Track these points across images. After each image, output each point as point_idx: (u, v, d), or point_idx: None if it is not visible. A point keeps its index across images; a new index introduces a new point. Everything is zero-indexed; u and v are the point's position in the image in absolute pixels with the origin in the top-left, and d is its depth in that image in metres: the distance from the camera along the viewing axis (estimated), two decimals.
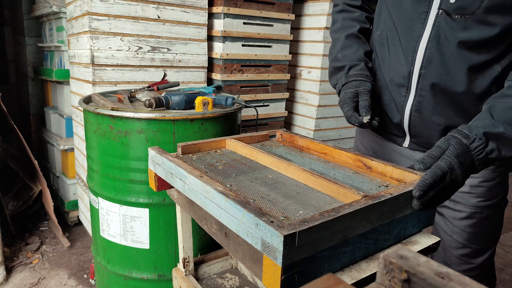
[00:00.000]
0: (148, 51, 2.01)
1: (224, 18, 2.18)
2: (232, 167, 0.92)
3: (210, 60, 2.29)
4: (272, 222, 0.59)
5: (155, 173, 0.96)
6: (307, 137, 1.12)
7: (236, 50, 2.28)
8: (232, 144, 1.07)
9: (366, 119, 0.93)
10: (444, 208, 1.08)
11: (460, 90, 0.93)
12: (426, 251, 0.78)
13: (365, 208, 0.66)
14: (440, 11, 0.89)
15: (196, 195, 0.77)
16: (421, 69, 0.95)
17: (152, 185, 0.99)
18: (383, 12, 1.07)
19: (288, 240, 0.55)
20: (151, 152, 0.96)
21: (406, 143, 1.09)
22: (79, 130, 2.17)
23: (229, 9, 2.17)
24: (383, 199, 0.69)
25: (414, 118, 1.01)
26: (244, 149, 1.02)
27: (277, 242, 0.56)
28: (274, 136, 1.23)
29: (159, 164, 0.93)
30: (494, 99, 0.87)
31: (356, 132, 1.34)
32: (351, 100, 0.99)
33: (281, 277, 0.56)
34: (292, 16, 2.43)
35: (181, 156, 0.99)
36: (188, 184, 0.80)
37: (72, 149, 2.40)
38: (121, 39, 1.93)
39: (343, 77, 1.07)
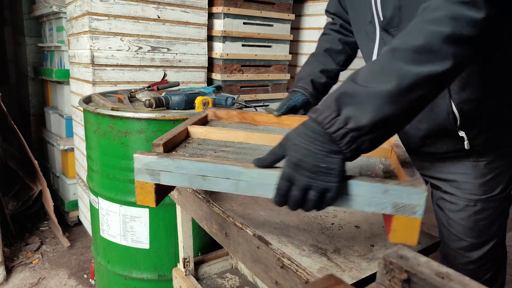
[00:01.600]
0: (148, 51, 2.01)
1: (224, 18, 2.18)
2: (237, 153, 0.86)
3: (210, 60, 2.29)
4: (399, 183, 0.62)
5: (155, 184, 0.80)
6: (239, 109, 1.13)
7: (236, 50, 2.28)
8: (198, 132, 0.99)
9: (276, 113, 1.05)
10: (440, 200, 1.10)
11: None
12: (426, 251, 0.79)
13: None
14: (380, 28, 0.98)
15: (267, 188, 0.66)
16: None
17: (150, 200, 0.82)
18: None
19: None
20: (144, 158, 0.76)
21: None
22: (79, 130, 2.17)
23: (229, 9, 2.17)
24: None
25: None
26: (218, 132, 0.94)
27: (418, 198, 0.61)
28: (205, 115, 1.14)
29: (169, 170, 0.74)
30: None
31: None
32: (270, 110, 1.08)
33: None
34: (292, 16, 2.43)
35: (175, 153, 0.90)
36: (248, 179, 0.67)
37: (72, 149, 2.40)
38: (121, 39, 1.93)
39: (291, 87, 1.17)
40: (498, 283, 1.15)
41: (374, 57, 1.02)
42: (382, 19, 0.95)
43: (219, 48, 2.24)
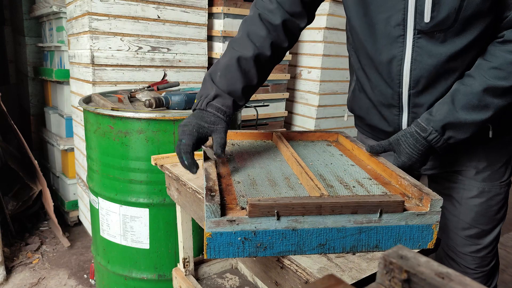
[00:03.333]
0: (148, 51, 2.01)
1: (224, 18, 2.18)
2: None
3: (210, 60, 2.29)
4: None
5: None
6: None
7: None
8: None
9: (216, 157, 0.86)
10: (451, 189, 1.10)
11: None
12: (426, 252, 0.78)
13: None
14: (416, 31, 0.92)
15: None
16: (409, 89, 0.98)
17: None
18: (350, 40, 1.10)
19: None
20: None
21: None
22: (79, 130, 2.17)
23: (229, 9, 2.17)
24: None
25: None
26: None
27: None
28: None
29: None
30: (461, 81, 0.92)
31: (360, 141, 1.31)
32: (196, 132, 0.86)
33: None
34: None
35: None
36: None
37: (72, 149, 2.40)
38: (121, 39, 1.93)
39: (204, 101, 0.91)
40: (498, 269, 1.18)
41: (406, 65, 0.95)
42: (428, 20, 0.88)
43: (219, 48, 2.24)
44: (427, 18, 0.88)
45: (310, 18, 1.06)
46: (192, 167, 0.83)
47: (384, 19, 0.94)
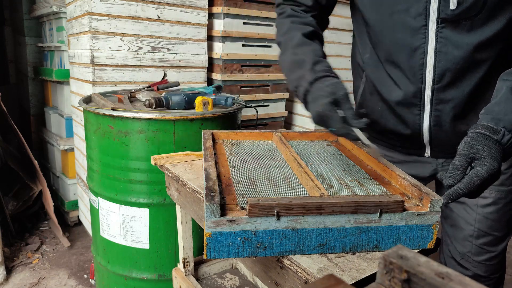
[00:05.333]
0: (148, 51, 2.01)
1: (224, 18, 2.18)
2: None
3: (210, 60, 2.29)
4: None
5: None
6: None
7: (236, 50, 2.28)
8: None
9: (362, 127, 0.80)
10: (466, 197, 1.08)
11: (475, 92, 0.91)
12: (426, 252, 0.78)
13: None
14: (441, 20, 0.86)
15: None
16: (433, 84, 0.92)
17: None
18: (364, 34, 1.03)
19: None
20: None
21: (427, 153, 1.04)
22: (79, 130, 2.17)
23: (229, 9, 2.17)
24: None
25: (434, 132, 0.98)
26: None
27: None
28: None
29: None
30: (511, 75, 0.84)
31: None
32: (335, 114, 0.79)
33: None
34: None
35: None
36: None
37: (72, 149, 2.40)
38: (121, 39, 1.93)
39: (308, 74, 0.87)
40: (505, 273, 1.16)
41: (430, 58, 0.90)
42: (454, 7, 0.83)
43: (219, 48, 2.24)
44: (453, 4, 0.83)
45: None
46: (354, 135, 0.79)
47: (402, 10, 0.89)
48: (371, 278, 0.67)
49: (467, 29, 0.85)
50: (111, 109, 1.38)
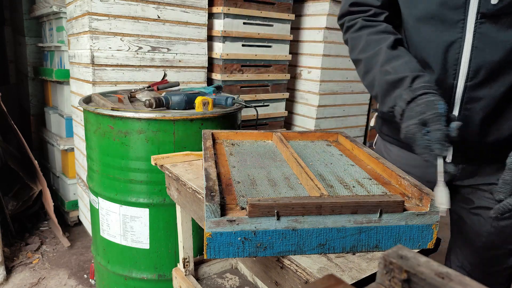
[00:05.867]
0: (148, 51, 2.01)
1: (224, 18, 2.18)
2: None
3: (210, 60, 2.29)
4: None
5: None
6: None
7: (236, 50, 2.28)
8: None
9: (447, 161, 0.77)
10: (482, 209, 1.04)
11: (508, 93, 0.87)
12: (426, 252, 0.78)
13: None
14: (480, 15, 0.83)
15: None
16: (466, 81, 0.88)
17: None
18: (400, 32, 1.01)
19: None
20: None
21: (449, 158, 1.00)
22: (79, 130, 2.17)
23: (229, 9, 2.17)
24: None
25: (461, 133, 0.96)
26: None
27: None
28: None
29: None
30: None
31: (378, 147, 1.22)
32: (419, 133, 0.76)
33: None
34: (292, 16, 2.43)
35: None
36: None
37: (72, 149, 2.40)
38: (121, 39, 1.93)
39: (405, 93, 0.81)
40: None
41: (465, 53, 0.85)
42: (496, 1, 0.80)
43: (219, 48, 2.24)
44: None
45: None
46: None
47: (439, 2, 0.86)
48: (371, 278, 0.67)
49: (507, 26, 0.82)
50: (111, 109, 1.38)
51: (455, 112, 0.93)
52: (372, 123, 1.17)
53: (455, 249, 1.17)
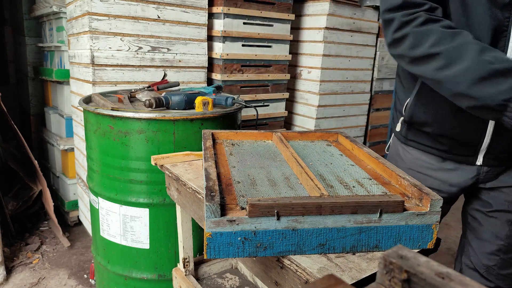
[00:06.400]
0: (148, 51, 2.01)
1: (224, 18, 2.18)
2: None
3: (210, 60, 2.29)
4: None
5: None
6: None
7: (236, 50, 2.28)
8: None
9: None
10: (500, 212, 1.04)
11: None
12: (426, 252, 0.78)
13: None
14: None
15: None
16: None
17: None
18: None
19: None
20: None
21: (479, 161, 1.00)
22: (79, 130, 2.17)
23: (229, 9, 2.17)
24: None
25: (497, 139, 0.93)
26: None
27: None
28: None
29: None
30: None
31: (393, 150, 1.19)
32: None
33: None
34: (292, 16, 2.43)
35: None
36: None
37: (72, 149, 2.40)
38: (121, 39, 1.93)
39: None
40: None
41: (509, 55, 0.83)
42: None
43: (219, 48, 2.24)
44: None
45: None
46: None
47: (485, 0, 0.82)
48: (371, 278, 0.66)
49: None
50: (111, 109, 1.38)
51: (491, 123, 0.91)
52: (398, 128, 1.14)
53: (467, 251, 1.16)
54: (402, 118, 1.10)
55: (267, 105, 2.50)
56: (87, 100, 1.63)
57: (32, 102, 2.94)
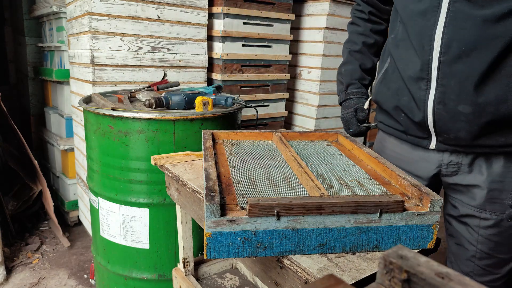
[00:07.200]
0: (148, 51, 2.01)
1: (224, 18, 2.18)
2: None
3: (210, 60, 2.29)
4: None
5: None
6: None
7: (236, 50, 2.28)
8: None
9: (365, 126, 1.20)
10: (468, 217, 1.04)
11: (484, 70, 0.87)
12: (426, 252, 0.78)
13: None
14: None
15: None
16: (440, 56, 0.91)
17: None
18: (394, 14, 1.08)
19: None
20: None
21: (433, 144, 1.02)
22: (79, 130, 2.17)
23: (229, 9, 2.17)
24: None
25: (438, 112, 0.95)
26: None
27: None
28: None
29: None
30: None
31: (378, 142, 1.27)
32: (353, 119, 1.21)
33: None
34: (292, 16, 2.43)
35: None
36: None
37: (72, 149, 2.40)
38: (121, 39, 1.93)
39: (342, 94, 1.26)
40: None
41: (438, 30, 0.90)
42: None
43: (219, 48, 2.24)
44: None
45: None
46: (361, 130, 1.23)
47: None
48: (371, 278, 0.67)
49: (479, 4, 0.85)
50: (111, 109, 1.38)
51: (432, 90, 0.95)
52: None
53: (450, 257, 1.16)
54: (369, 98, 1.24)
55: (267, 105, 2.50)
56: (87, 100, 1.63)
57: (32, 102, 2.94)
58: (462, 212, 1.06)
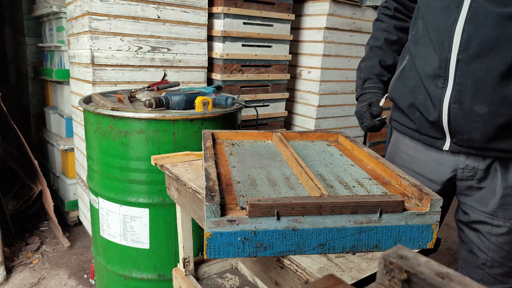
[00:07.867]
0: (148, 51, 2.01)
1: (224, 18, 2.18)
2: None
3: (210, 60, 2.29)
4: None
5: None
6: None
7: (236, 50, 2.28)
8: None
9: (378, 120, 1.19)
10: (479, 224, 1.02)
11: (503, 70, 0.86)
12: (426, 252, 0.78)
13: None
14: None
15: None
16: (458, 53, 0.90)
17: None
18: (417, 13, 1.06)
19: None
20: None
21: (447, 145, 1.00)
22: (79, 130, 2.17)
23: (229, 9, 2.17)
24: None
25: (453, 111, 0.93)
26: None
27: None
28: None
29: None
30: None
31: (392, 143, 1.25)
32: (367, 112, 1.19)
33: None
34: (292, 16, 2.43)
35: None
36: None
37: (72, 149, 2.40)
38: (121, 39, 1.93)
39: (359, 89, 1.26)
40: None
41: (458, 27, 0.89)
42: None
43: (219, 48, 2.24)
44: None
45: None
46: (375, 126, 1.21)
47: None
48: (371, 278, 0.66)
49: (500, 1, 0.84)
50: (111, 109, 1.38)
51: (449, 88, 0.94)
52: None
53: (461, 264, 1.14)
54: (385, 95, 1.21)
55: (267, 105, 2.50)
56: (87, 100, 1.63)
57: (32, 102, 2.94)
58: (473, 218, 1.04)
